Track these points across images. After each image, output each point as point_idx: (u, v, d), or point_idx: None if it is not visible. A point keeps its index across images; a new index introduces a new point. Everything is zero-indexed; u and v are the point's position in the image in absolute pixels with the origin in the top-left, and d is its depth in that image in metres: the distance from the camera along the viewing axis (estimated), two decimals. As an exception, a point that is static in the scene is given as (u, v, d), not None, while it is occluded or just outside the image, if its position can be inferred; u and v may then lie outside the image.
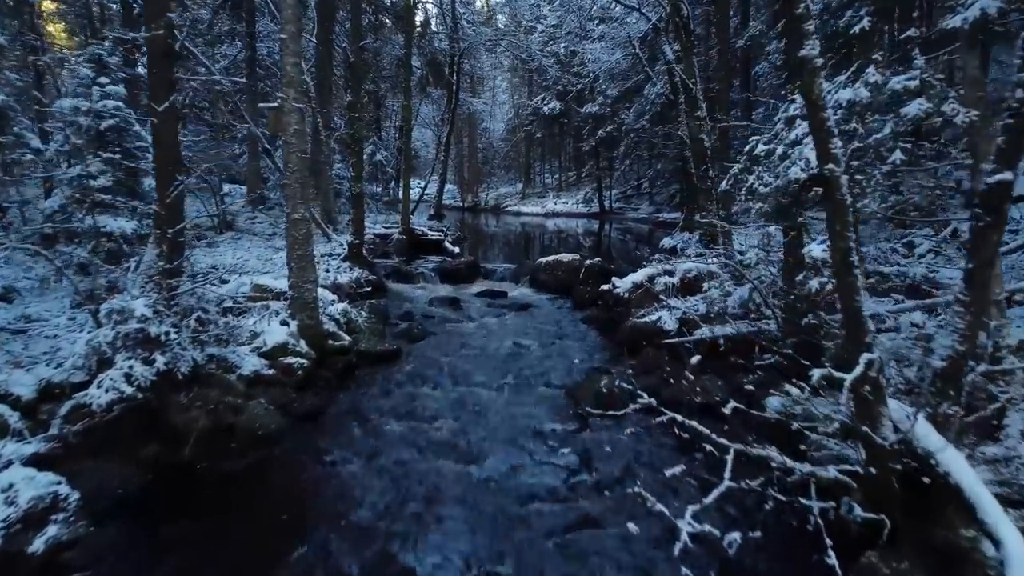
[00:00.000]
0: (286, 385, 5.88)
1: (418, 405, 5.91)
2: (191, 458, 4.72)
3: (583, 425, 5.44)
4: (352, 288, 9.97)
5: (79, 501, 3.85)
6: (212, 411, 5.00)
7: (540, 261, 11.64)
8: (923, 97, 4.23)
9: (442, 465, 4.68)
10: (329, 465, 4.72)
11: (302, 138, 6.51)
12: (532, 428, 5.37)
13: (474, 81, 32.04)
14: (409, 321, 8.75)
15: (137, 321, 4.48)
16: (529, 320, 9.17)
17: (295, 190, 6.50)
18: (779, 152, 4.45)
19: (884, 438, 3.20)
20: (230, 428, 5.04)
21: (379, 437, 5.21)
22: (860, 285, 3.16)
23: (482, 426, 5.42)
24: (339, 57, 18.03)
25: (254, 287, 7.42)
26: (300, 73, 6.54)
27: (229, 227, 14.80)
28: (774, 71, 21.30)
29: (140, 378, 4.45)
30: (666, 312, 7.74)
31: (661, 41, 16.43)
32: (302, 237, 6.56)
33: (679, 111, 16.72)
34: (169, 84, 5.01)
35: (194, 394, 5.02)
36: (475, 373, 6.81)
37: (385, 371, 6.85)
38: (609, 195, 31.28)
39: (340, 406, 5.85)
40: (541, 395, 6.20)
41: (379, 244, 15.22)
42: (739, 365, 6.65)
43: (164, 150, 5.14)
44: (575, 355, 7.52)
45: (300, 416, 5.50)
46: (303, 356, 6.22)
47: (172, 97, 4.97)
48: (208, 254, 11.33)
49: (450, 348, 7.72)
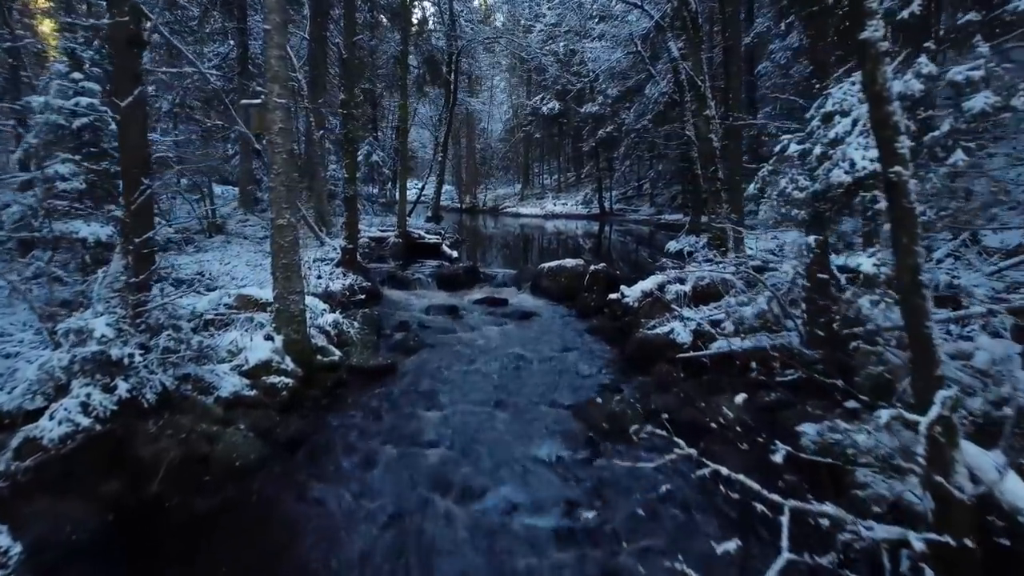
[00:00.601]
0: (269, 407, 5.38)
1: (412, 428, 5.41)
2: (159, 494, 4.22)
3: (595, 452, 4.95)
4: (345, 296, 9.49)
5: (21, 555, 3.35)
6: (184, 440, 4.50)
7: (542, 267, 11.15)
8: (989, 89, 3.77)
9: (437, 502, 4.19)
10: (313, 503, 4.22)
11: (288, 137, 6.01)
12: (537, 456, 4.88)
13: (472, 81, 31.56)
14: (405, 331, 8.25)
15: (97, 342, 3.99)
16: (531, 330, 8.68)
17: (280, 193, 6.00)
18: (816, 152, 3.97)
19: (960, 489, 2.72)
20: (204, 459, 4.54)
21: (368, 467, 4.71)
22: (930, 308, 2.68)
23: (482, 453, 4.93)
24: (333, 55, 17.55)
25: (238, 298, 6.92)
26: (285, 67, 6.04)
27: (219, 230, 14.30)
28: (777, 70, 20.88)
29: (99, 407, 3.95)
30: (678, 323, 7.26)
31: (665, 38, 16.00)
32: (288, 244, 6.06)
33: (684, 110, 16.29)
34: (134, 76, 4.50)
35: (164, 421, 4.52)
36: (474, 390, 6.32)
37: (378, 388, 6.35)
38: (609, 196, 30.84)
39: (327, 431, 5.34)
40: (546, 416, 5.71)
41: (375, 248, 14.73)
42: (759, 382, 6.19)
43: (130, 150, 4.63)
44: (582, 369, 7.03)
45: (283, 443, 4.99)
46: (288, 374, 5.72)
47: (138, 90, 4.46)
48: (195, 260, 10.84)
49: (448, 361, 7.23)
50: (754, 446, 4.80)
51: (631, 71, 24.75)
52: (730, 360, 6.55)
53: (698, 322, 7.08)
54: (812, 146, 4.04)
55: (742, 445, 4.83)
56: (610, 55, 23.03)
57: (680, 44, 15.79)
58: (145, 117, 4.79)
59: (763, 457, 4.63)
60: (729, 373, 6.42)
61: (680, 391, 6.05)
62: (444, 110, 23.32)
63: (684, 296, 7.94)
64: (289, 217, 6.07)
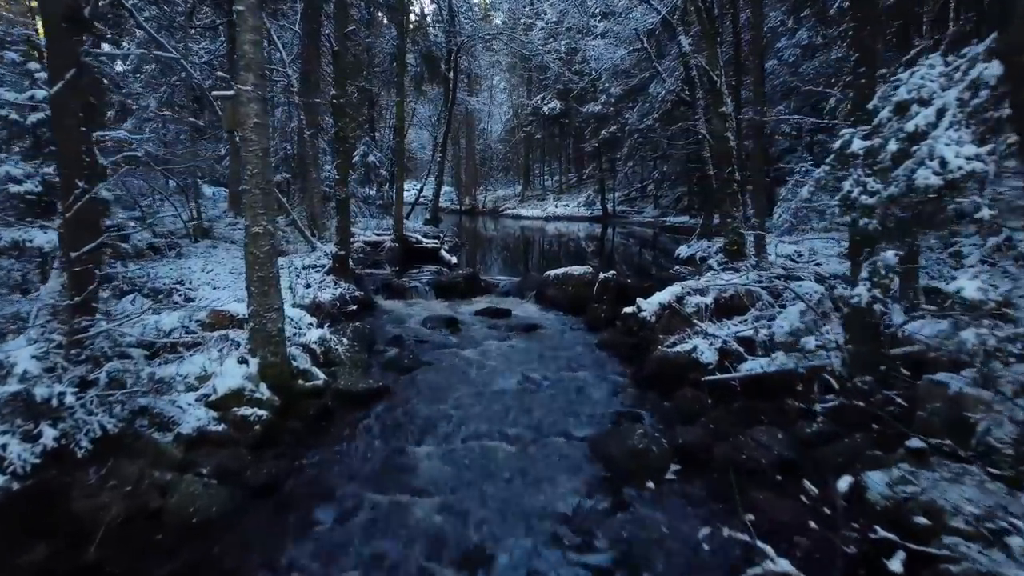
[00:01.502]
0: (239, 444, 4.66)
1: (405, 468, 4.69)
2: (97, 561, 3.49)
3: (618, 501, 4.23)
4: (335, 307, 8.77)
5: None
6: (131, 493, 3.78)
7: (548, 274, 10.43)
8: None
9: (432, 571, 3.48)
10: (283, 571, 3.51)
11: (264, 133, 5.30)
12: (551, 505, 4.15)
13: (471, 80, 30.87)
14: (399, 348, 7.53)
15: (19, 380, 3.27)
16: (537, 345, 7.95)
17: (256, 197, 5.29)
18: (891, 149, 3.27)
19: None
20: (156, 514, 3.82)
21: (352, 520, 3.99)
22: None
23: (486, 500, 4.21)
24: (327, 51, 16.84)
25: (211, 313, 6.21)
26: (261, 54, 5.34)
27: (205, 234, 13.58)
28: (785, 68, 20.17)
29: (16, 462, 3.23)
30: (701, 340, 6.55)
31: (674, 33, 15.30)
32: (264, 255, 5.34)
33: (695, 108, 15.59)
34: (71, 59, 3.78)
35: (108, 470, 3.80)
36: (475, 419, 5.60)
37: (368, 415, 5.63)
38: (612, 198, 30.16)
39: (307, 471, 4.62)
40: (559, 452, 4.99)
41: (370, 253, 14.02)
42: (797, 410, 5.48)
43: (65, 145, 3.91)
44: (595, 393, 6.31)
45: (253, 489, 4.26)
46: (263, 404, 5.00)
47: (70, 74, 3.74)
48: (177, 267, 10.11)
49: (446, 383, 6.51)
50: (806, 494, 4.10)
51: (634, 69, 24.08)
52: (761, 384, 5.85)
53: (724, 339, 6.37)
54: (884, 142, 3.35)
55: (791, 496, 4.12)
56: (613, 53, 22.39)
57: (690, 39, 15.10)
58: (89, 108, 4.08)
59: (820, 513, 3.96)
60: (761, 398, 5.71)
61: (708, 421, 5.33)
62: (443, 109, 22.62)
63: (706, 309, 7.23)
64: (266, 224, 5.35)
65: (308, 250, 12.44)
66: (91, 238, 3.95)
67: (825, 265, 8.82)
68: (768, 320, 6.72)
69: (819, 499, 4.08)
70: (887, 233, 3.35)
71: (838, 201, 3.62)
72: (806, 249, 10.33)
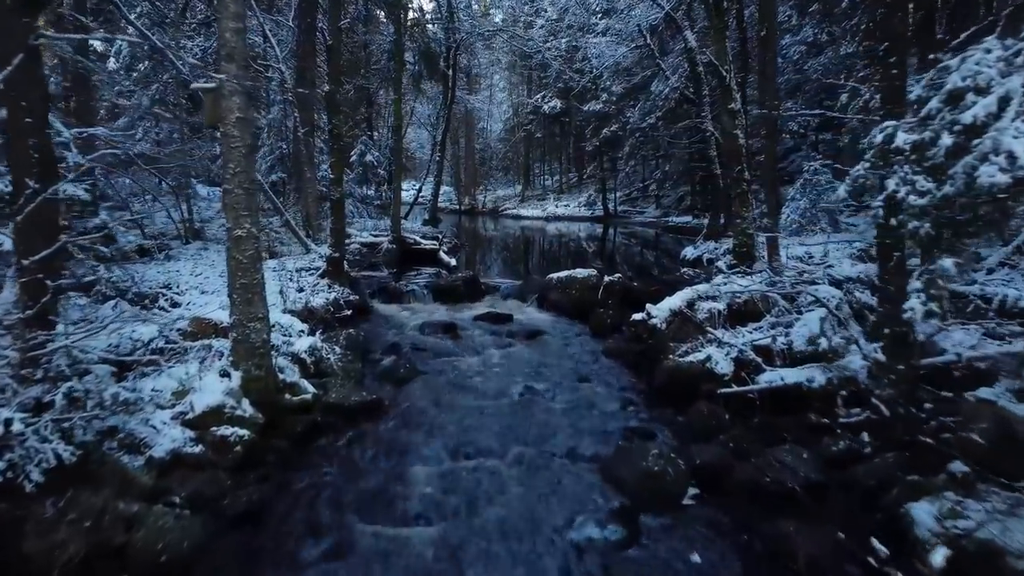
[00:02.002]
0: (218, 467, 4.27)
1: (399, 492, 4.31)
2: (51, 607, 3.12)
3: (632, 531, 3.85)
4: (328, 312, 8.38)
5: None
6: (92, 528, 3.39)
7: (550, 277, 10.03)
8: None
9: (430, 619, 3.10)
10: (259, 618, 3.13)
11: (247, 129, 4.91)
12: (559, 537, 3.77)
13: (471, 78, 30.46)
14: (395, 356, 7.13)
15: (-41, 405, 2.90)
16: (541, 353, 7.56)
17: (238, 198, 4.90)
18: (945, 144, 2.90)
19: None
20: (119, 552, 3.43)
21: (339, 555, 3.61)
22: None
23: (487, 531, 3.83)
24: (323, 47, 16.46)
25: (193, 322, 5.82)
26: (244, 43, 4.95)
27: (197, 235, 13.19)
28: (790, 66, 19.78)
29: (-47, 500, 2.86)
30: (715, 348, 6.17)
31: (681, 28, 14.92)
32: (248, 260, 4.96)
33: (701, 105, 15.20)
34: (19, 44, 3.39)
35: (67, 502, 3.41)
36: (475, 435, 5.22)
37: (359, 433, 5.24)
38: (613, 198, 29.77)
39: (291, 496, 4.23)
40: (566, 474, 4.60)
41: (366, 254, 13.63)
42: (821, 425, 5.09)
43: (14, 139, 3.52)
44: (603, 406, 5.93)
45: (231, 519, 3.87)
46: (245, 423, 4.61)
47: (18, 59, 3.35)
48: (165, 270, 9.73)
49: (445, 395, 6.12)
50: (840, 527, 3.72)
51: (636, 67, 23.73)
52: (780, 396, 5.47)
53: (740, 348, 5.98)
54: (935, 135, 2.97)
55: (823, 526, 3.74)
56: (615, 50, 21.97)
57: (695, 34, 14.72)
58: (44, 99, 3.68)
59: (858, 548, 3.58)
60: (782, 412, 5.33)
61: (727, 439, 4.94)
62: (442, 108, 22.23)
63: (719, 315, 6.85)
64: (250, 227, 4.96)
65: (302, 252, 12.05)
66: (46, 244, 3.56)
67: (838, 267, 8.44)
68: (785, 327, 6.34)
69: (855, 529, 3.71)
70: (940, 239, 2.97)
71: (882, 202, 3.24)
72: (815, 251, 9.95)
